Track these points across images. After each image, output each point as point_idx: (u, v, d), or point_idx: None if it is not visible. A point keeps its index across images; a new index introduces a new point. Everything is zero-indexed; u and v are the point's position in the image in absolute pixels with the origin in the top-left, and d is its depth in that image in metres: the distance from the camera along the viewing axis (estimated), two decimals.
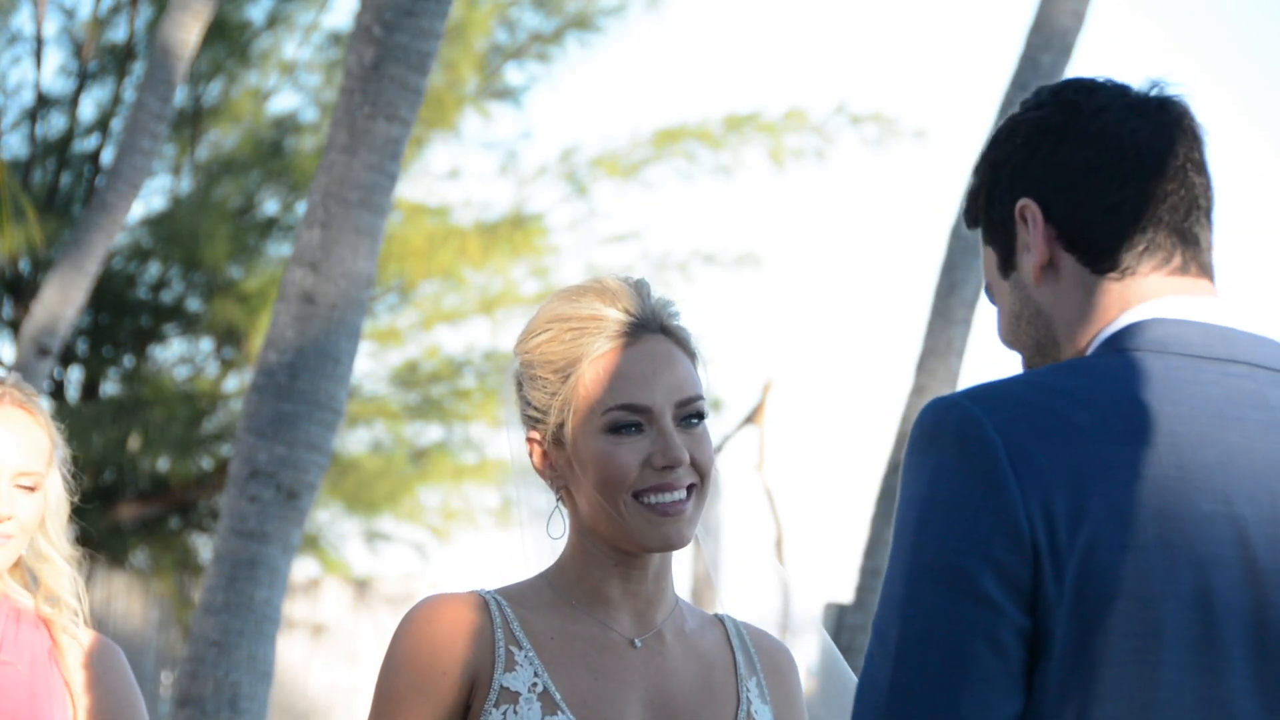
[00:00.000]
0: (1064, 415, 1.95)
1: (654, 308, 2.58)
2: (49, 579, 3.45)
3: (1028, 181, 2.09)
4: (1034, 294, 2.10)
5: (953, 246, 9.14)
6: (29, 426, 3.41)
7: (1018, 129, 2.11)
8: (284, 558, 6.00)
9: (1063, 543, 1.91)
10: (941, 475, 1.94)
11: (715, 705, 2.58)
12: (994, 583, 1.90)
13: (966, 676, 1.90)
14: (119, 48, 16.54)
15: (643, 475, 2.51)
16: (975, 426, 1.94)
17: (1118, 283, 2.06)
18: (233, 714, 5.94)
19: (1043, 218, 2.08)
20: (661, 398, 2.53)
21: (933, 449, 1.96)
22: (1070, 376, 2.00)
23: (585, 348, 2.55)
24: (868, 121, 17.63)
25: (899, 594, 1.93)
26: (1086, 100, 2.09)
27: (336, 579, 17.13)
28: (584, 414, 2.53)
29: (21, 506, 3.39)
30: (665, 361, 2.55)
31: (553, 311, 2.60)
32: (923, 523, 1.94)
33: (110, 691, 3.43)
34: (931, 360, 9.12)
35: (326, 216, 6.01)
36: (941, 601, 1.91)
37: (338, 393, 6.02)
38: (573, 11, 17.35)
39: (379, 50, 6.00)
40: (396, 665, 2.52)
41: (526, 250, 17.01)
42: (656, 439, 2.52)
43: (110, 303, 16.47)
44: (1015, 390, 1.98)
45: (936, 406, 1.98)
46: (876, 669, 1.93)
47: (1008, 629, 1.90)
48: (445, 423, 17.34)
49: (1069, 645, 1.91)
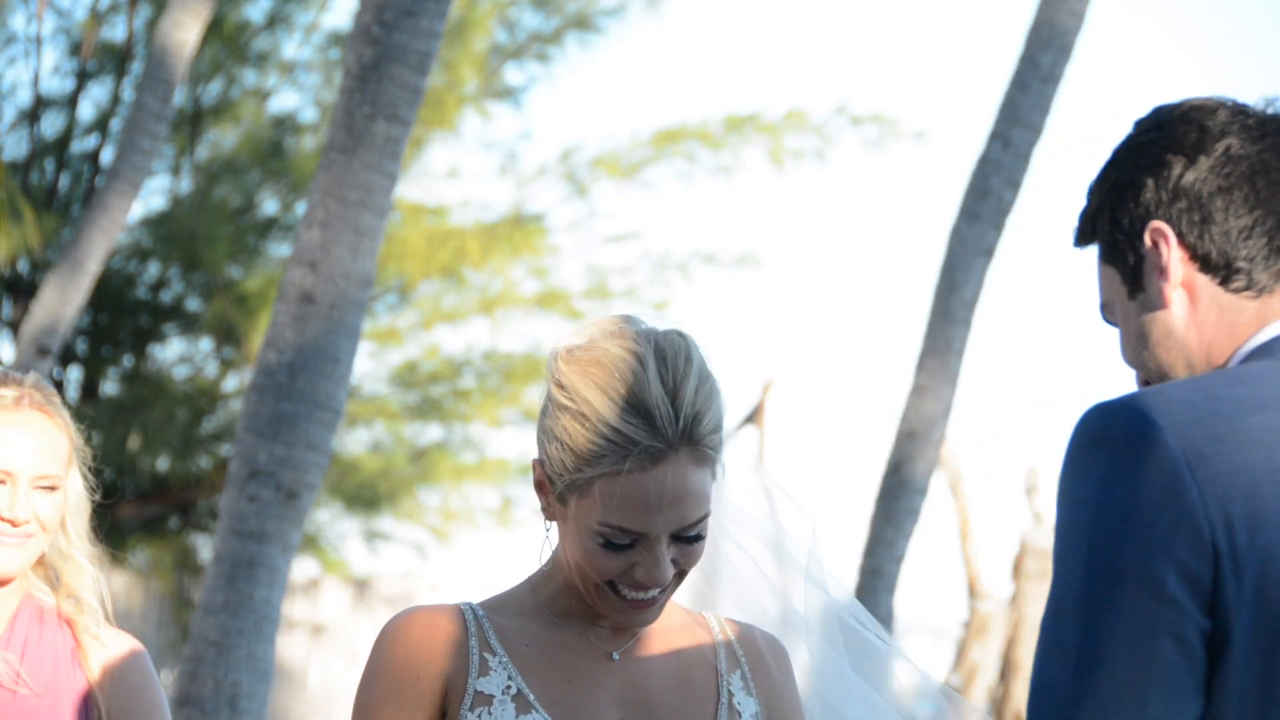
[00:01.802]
0: (1232, 420, 1.95)
1: (687, 422, 2.50)
2: (70, 578, 3.47)
3: (1157, 204, 2.11)
4: (1164, 316, 2.12)
5: (953, 246, 9.14)
6: (47, 429, 3.43)
7: (1141, 151, 2.13)
8: (284, 557, 6.00)
9: (1242, 546, 1.90)
10: (1115, 477, 1.93)
11: (695, 703, 2.58)
12: (1178, 583, 1.89)
13: (1154, 675, 1.89)
14: (118, 47, 16.53)
15: (623, 579, 2.52)
16: (1150, 429, 1.94)
17: (1254, 300, 2.09)
18: (232, 714, 5.94)
19: (1177, 241, 2.10)
20: (661, 527, 2.50)
21: (1103, 451, 1.95)
22: (1230, 384, 2.00)
23: (603, 461, 2.49)
24: (868, 122, 17.63)
25: (1077, 595, 1.91)
26: (1209, 121, 2.12)
27: (336, 579, 17.12)
28: (583, 510, 2.51)
29: (41, 507, 3.41)
30: (677, 492, 2.49)
31: (601, 376, 2.51)
32: (1096, 524, 1.92)
33: (134, 690, 3.43)
34: (931, 360, 9.12)
35: (326, 216, 6.01)
36: (1125, 602, 1.90)
37: (337, 393, 6.01)
38: (573, 11, 17.34)
39: (379, 50, 6.00)
40: (373, 675, 2.55)
41: (526, 250, 17.01)
42: (645, 555, 2.50)
43: (110, 303, 16.47)
44: (1182, 395, 1.98)
45: (1105, 410, 1.98)
46: (1055, 672, 1.91)
47: (1192, 629, 1.90)
48: (445, 423, 17.34)
49: (1249, 649, 1.91)
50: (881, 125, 17.63)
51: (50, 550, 3.47)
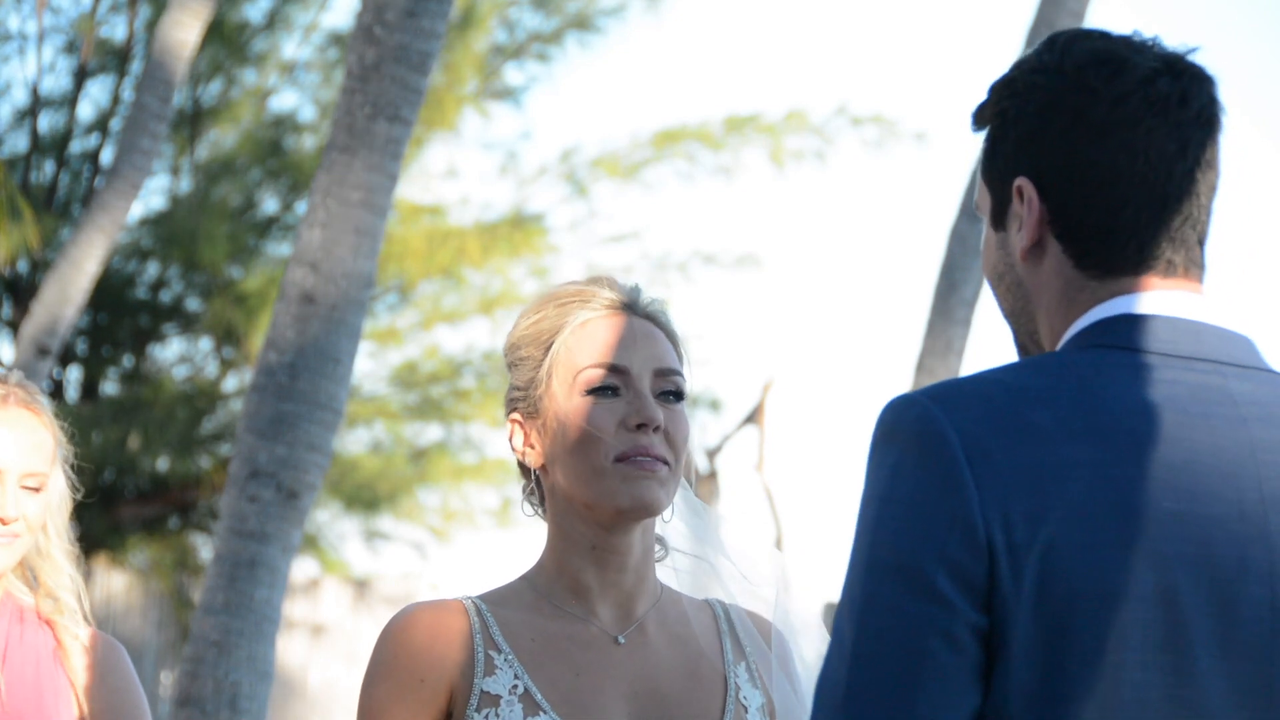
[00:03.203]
0: (1024, 414, 1.93)
1: (642, 297, 2.63)
2: (48, 577, 3.46)
3: (1031, 156, 2.05)
4: (1018, 266, 2.08)
5: (953, 246, 9.15)
6: (34, 427, 3.41)
7: (1034, 91, 2.06)
8: (284, 558, 6.00)
9: (1020, 541, 1.89)
10: (900, 473, 1.93)
11: (702, 694, 2.57)
12: (947, 581, 1.89)
13: (922, 673, 1.88)
14: (118, 47, 16.53)
15: (619, 438, 2.53)
16: (933, 424, 1.93)
17: (1097, 279, 2.04)
18: (232, 714, 5.94)
19: (1039, 200, 2.05)
20: (640, 364, 2.56)
21: (891, 446, 1.95)
22: (1033, 375, 1.98)
23: (568, 317, 2.59)
24: (868, 123, 17.63)
25: (855, 592, 1.92)
26: (1106, 87, 2.03)
27: (336, 579, 17.13)
28: (564, 376, 2.56)
29: (27, 507, 3.39)
30: (647, 335, 2.59)
31: (540, 298, 2.65)
32: (880, 521, 1.93)
33: (115, 691, 3.43)
34: (931, 360, 9.13)
35: (326, 216, 6.01)
36: (896, 599, 1.89)
37: (338, 393, 6.02)
38: (573, 11, 17.35)
39: (379, 50, 6.00)
40: (376, 676, 2.53)
41: (526, 250, 17.01)
42: (633, 400, 2.54)
43: (110, 303, 16.47)
44: (976, 388, 1.97)
45: (896, 404, 1.97)
46: (834, 668, 1.92)
47: (962, 626, 1.89)
48: (445, 423, 17.34)
49: (1031, 645, 1.89)
50: (882, 126, 17.64)
51: (29, 549, 3.45)
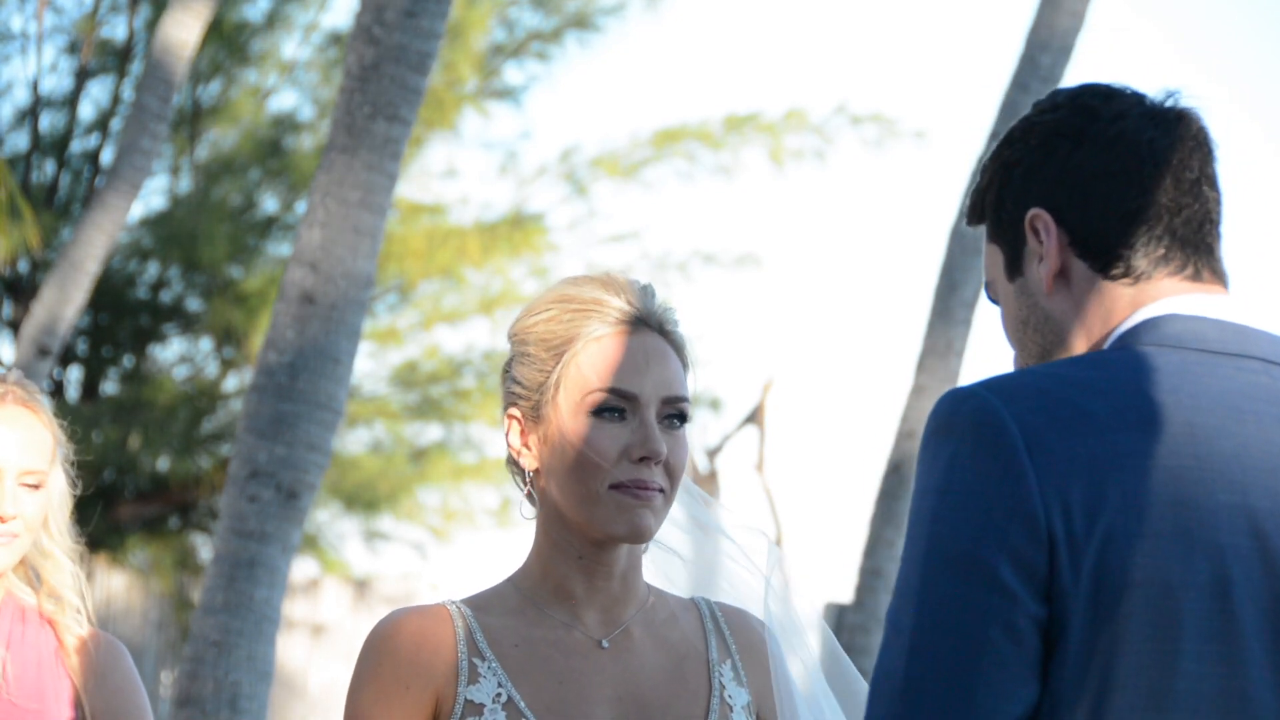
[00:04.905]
0: (1080, 405, 1.95)
1: (655, 308, 2.59)
2: (50, 576, 3.46)
3: (1041, 186, 2.08)
4: (1043, 301, 2.09)
5: (953, 246, 9.15)
6: (32, 425, 3.41)
7: (1032, 131, 2.10)
8: (284, 557, 6.00)
9: (1079, 532, 1.90)
10: (958, 464, 1.94)
11: (687, 696, 2.56)
12: (1010, 571, 1.90)
13: (982, 663, 1.89)
14: (118, 47, 16.53)
15: (620, 467, 2.51)
16: (993, 415, 1.94)
17: (1130, 286, 2.06)
18: (232, 714, 5.94)
19: (1055, 225, 2.08)
20: (650, 390, 2.53)
21: (949, 438, 1.96)
22: (1086, 368, 2.00)
23: (583, 328, 2.56)
24: (868, 122, 17.64)
25: (914, 583, 1.93)
26: (1104, 106, 2.09)
27: (336, 579, 17.12)
28: (571, 392, 2.54)
29: (26, 505, 3.39)
30: (659, 357, 2.56)
31: (555, 294, 2.61)
32: (938, 511, 1.94)
33: (116, 690, 3.43)
34: (931, 360, 9.12)
35: (326, 216, 6.01)
36: (957, 589, 1.90)
37: (338, 393, 6.02)
38: (572, 11, 17.35)
39: (379, 50, 6.00)
40: (362, 681, 2.53)
41: (526, 250, 17.01)
42: (638, 429, 2.52)
43: (110, 303, 16.47)
44: (1032, 381, 1.98)
45: (954, 396, 1.98)
46: (892, 658, 1.93)
47: (1024, 616, 1.90)
48: (445, 423, 17.34)
49: (1086, 634, 1.91)
50: (881, 125, 17.64)
51: (31, 548, 3.45)
